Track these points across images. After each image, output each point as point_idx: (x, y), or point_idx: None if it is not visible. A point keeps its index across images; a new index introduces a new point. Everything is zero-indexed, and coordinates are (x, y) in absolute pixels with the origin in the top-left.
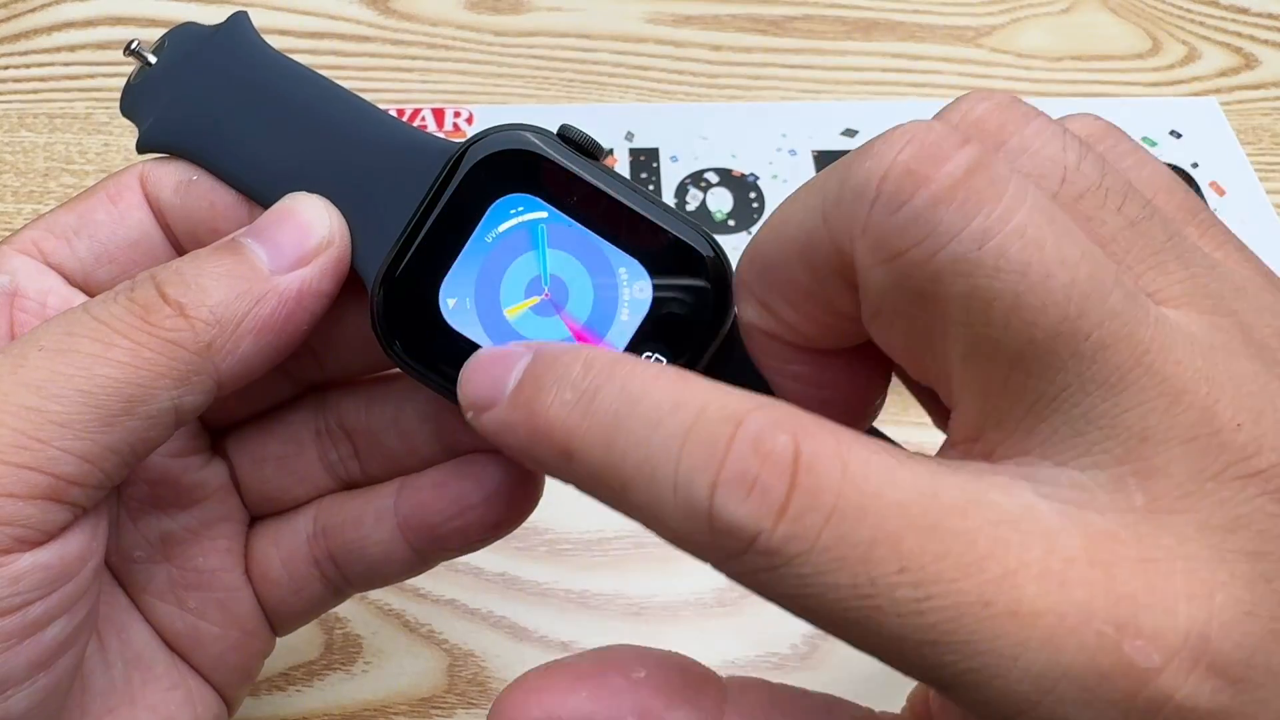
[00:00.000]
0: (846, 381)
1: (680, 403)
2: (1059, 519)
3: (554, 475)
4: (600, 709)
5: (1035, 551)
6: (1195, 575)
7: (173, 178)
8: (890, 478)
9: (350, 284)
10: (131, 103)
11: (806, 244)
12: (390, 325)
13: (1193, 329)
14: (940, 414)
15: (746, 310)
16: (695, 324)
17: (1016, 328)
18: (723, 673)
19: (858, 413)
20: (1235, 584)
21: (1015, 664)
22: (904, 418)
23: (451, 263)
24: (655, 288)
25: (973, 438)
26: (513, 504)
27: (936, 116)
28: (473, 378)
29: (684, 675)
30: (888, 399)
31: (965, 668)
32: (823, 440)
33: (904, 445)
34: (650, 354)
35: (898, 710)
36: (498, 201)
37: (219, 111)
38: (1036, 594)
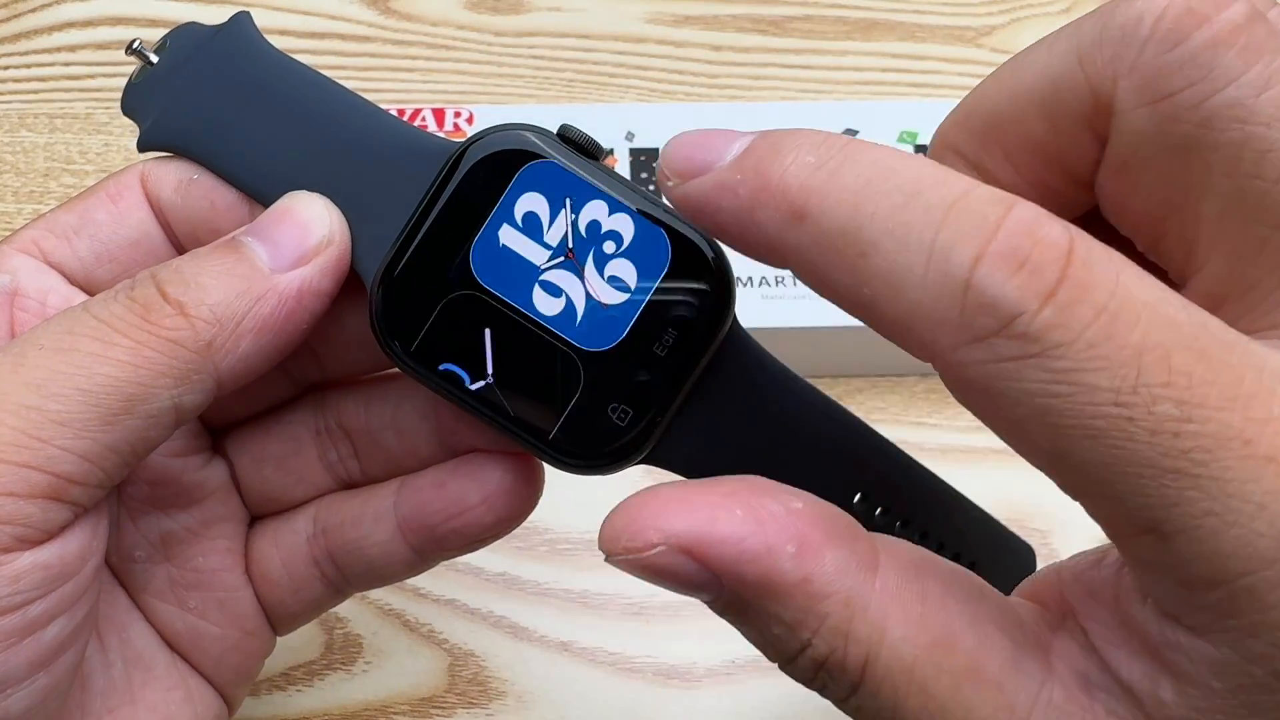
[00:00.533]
0: None
1: (944, 180)
2: None
3: (770, 244)
4: (756, 531)
5: None
6: None
7: (173, 177)
8: (1164, 295)
9: (350, 283)
10: (133, 102)
11: (1052, 90)
12: (389, 325)
13: None
14: None
15: None
16: (695, 324)
17: None
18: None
19: None
20: None
21: (1262, 513)
22: (904, 417)
23: (452, 262)
24: (654, 288)
25: (1214, 306)
26: (512, 504)
27: None
28: (683, 145)
29: (838, 516)
30: (889, 398)
31: (1205, 509)
32: (1097, 244)
33: (903, 445)
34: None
35: None
36: (498, 203)
37: (220, 111)
38: None
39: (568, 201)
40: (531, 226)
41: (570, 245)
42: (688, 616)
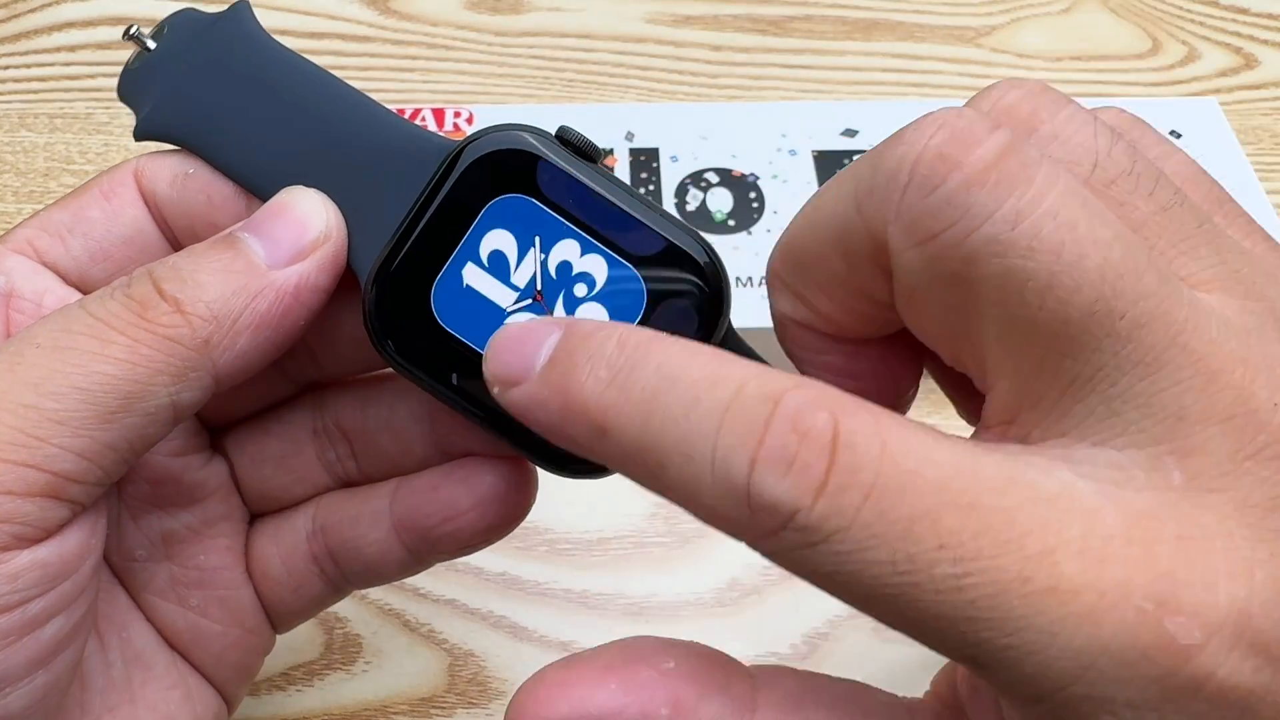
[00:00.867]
0: (880, 372)
1: (717, 380)
2: (1097, 498)
3: (588, 454)
4: (632, 701)
5: (1074, 529)
6: (1235, 553)
7: (169, 171)
8: (929, 455)
9: (347, 281)
10: (129, 87)
11: (840, 231)
12: (383, 324)
13: (1226, 312)
14: (971, 406)
15: (780, 301)
16: (689, 331)
17: (1051, 307)
18: None
19: (890, 404)
20: (1276, 562)
21: (1054, 640)
22: None
23: (445, 262)
24: (649, 294)
25: (1008, 420)
26: (504, 509)
27: (968, 103)
28: (500, 352)
29: (712, 665)
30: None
31: (1004, 644)
32: (861, 418)
33: None
34: None
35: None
36: (494, 202)
37: (217, 101)
38: (1076, 571)
39: (537, 240)
40: (498, 266)
41: (539, 288)
42: (687, 618)
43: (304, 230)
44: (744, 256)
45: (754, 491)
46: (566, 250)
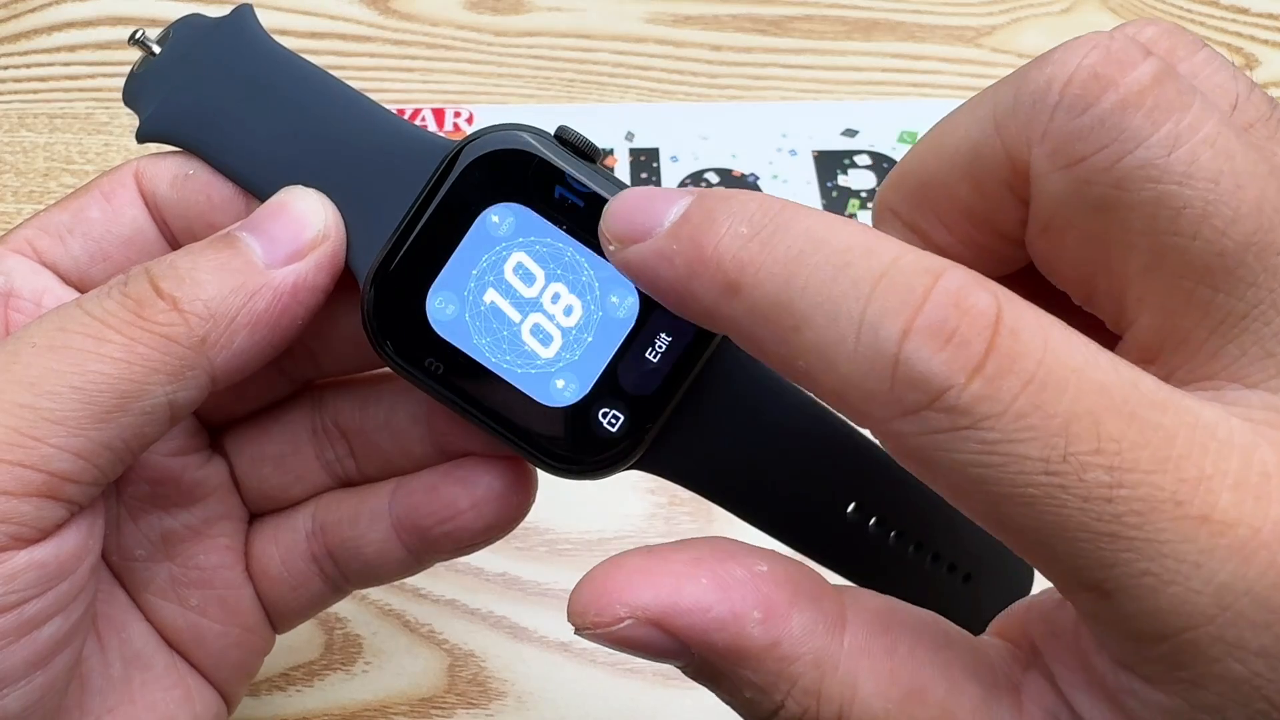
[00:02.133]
0: None
1: (873, 249)
2: (1254, 435)
3: (708, 314)
4: (723, 599)
5: (1232, 461)
6: None
7: (169, 172)
8: (1093, 358)
9: (345, 280)
10: (134, 92)
11: (973, 156)
12: (381, 324)
13: None
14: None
15: (889, 235)
16: (687, 336)
17: (1207, 237)
18: None
19: None
20: None
21: (1198, 571)
22: None
23: (444, 262)
24: (644, 299)
25: (1149, 360)
26: (503, 509)
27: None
28: (624, 209)
29: (804, 574)
30: None
31: (1141, 569)
32: (1026, 309)
33: None
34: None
35: None
36: (492, 203)
37: (219, 103)
38: (1231, 503)
39: (537, 242)
40: (508, 289)
41: (547, 302)
42: None
43: (302, 230)
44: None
45: (903, 361)
46: (566, 250)
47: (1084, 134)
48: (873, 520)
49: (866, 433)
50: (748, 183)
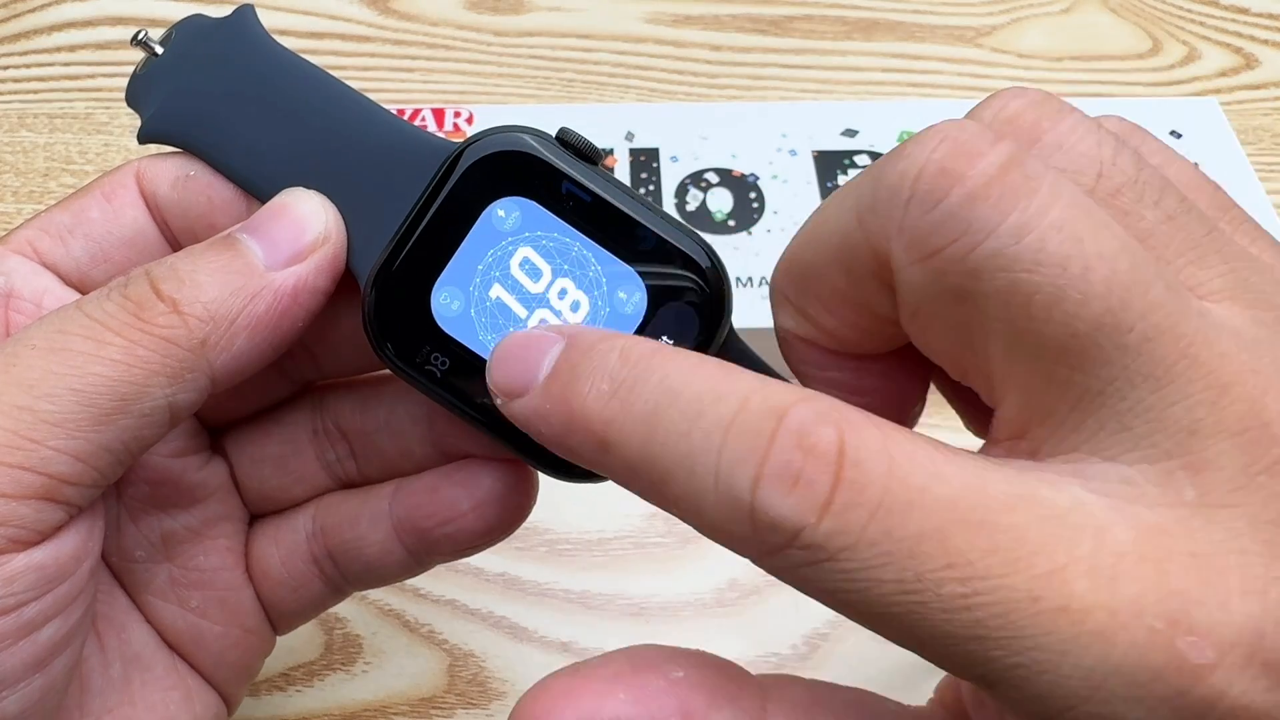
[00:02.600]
0: (885, 387)
1: (722, 395)
2: (1108, 514)
3: (590, 466)
4: (641, 711)
5: (1085, 547)
6: (1249, 570)
7: (170, 173)
8: (937, 472)
9: (346, 282)
10: (136, 92)
11: (842, 248)
12: (382, 326)
13: (1236, 323)
14: (979, 419)
15: (784, 317)
16: (691, 335)
17: (1059, 321)
18: None
19: (897, 419)
20: None
21: (1064, 660)
22: None
23: (445, 264)
24: (650, 297)
25: (1017, 435)
26: (503, 511)
27: (969, 114)
28: (502, 363)
29: (721, 674)
30: None
31: (1013, 663)
32: (868, 434)
33: None
34: None
35: (923, 702)
36: (494, 204)
37: (220, 103)
38: (1086, 589)
39: (539, 243)
40: (514, 285)
41: (554, 297)
42: (687, 618)
43: (303, 232)
44: (744, 256)
45: (758, 509)
46: (567, 253)
47: (936, 228)
48: None
49: None
50: (748, 183)
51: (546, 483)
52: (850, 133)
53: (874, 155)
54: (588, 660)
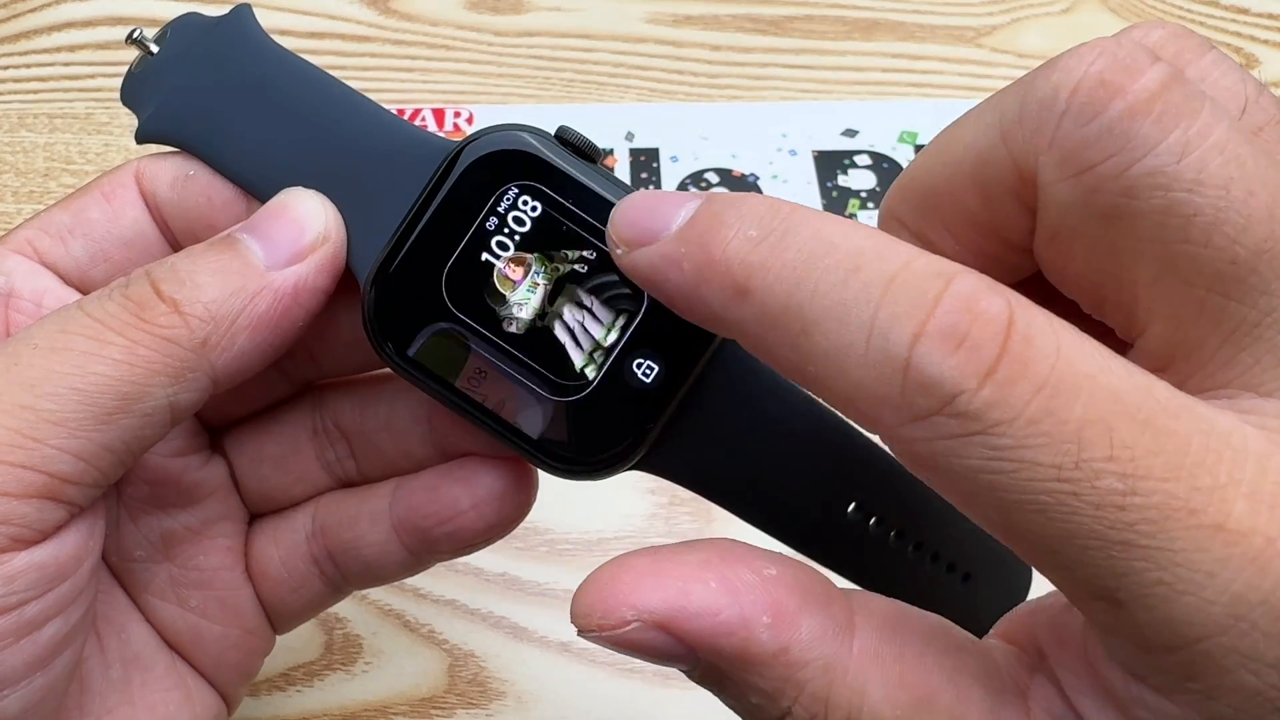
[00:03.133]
0: None
1: (883, 253)
2: (1269, 444)
3: (716, 318)
4: (731, 603)
5: (1248, 470)
6: None
7: (170, 173)
8: (1106, 364)
9: (346, 282)
10: (132, 92)
11: (979, 164)
12: (382, 325)
13: None
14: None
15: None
16: (689, 332)
17: (1218, 245)
18: None
19: None
20: None
21: (1211, 581)
22: None
23: (445, 264)
24: (650, 297)
25: (1160, 368)
26: (503, 510)
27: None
28: (629, 211)
29: (812, 578)
30: None
31: (1154, 578)
32: (1038, 314)
33: None
34: (643, 361)
35: None
36: (493, 201)
37: (218, 103)
38: (1246, 512)
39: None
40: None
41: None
42: None
43: (302, 231)
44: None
45: (914, 366)
46: (566, 252)
47: (1092, 142)
48: (873, 520)
49: (866, 432)
50: (748, 183)
51: (546, 482)
52: (850, 133)
53: (874, 155)
54: (667, 545)
